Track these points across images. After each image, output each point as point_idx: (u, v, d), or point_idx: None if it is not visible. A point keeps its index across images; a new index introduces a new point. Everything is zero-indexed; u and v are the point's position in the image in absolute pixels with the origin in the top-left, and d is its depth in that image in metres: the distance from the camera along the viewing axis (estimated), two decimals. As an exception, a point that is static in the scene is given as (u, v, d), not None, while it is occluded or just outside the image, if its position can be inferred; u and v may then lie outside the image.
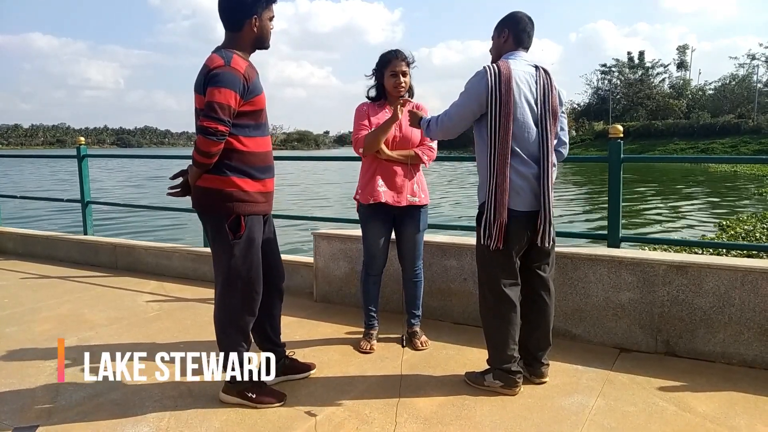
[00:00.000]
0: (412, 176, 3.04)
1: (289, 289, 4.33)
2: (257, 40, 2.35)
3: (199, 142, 2.20)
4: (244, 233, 2.34)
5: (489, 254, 2.53)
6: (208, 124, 2.17)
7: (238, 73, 2.22)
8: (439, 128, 2.62)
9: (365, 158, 3.04)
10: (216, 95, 2.17)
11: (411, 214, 3.07)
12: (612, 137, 3.43)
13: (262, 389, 2.50)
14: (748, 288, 2.84)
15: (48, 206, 14.02)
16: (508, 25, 2.59)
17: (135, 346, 3.19)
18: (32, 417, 2.44)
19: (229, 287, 2.40)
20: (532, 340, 2.68)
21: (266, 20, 2.34)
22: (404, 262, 3.18)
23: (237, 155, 2.30)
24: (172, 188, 2.43)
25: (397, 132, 2.99)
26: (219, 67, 2.21)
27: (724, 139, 42.57)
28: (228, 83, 2.19)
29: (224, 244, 2.35)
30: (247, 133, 2.32)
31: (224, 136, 2.21)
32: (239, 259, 2.36)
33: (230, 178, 2.30)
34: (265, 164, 2.42)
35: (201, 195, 2.36)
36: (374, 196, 2.97)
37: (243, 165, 2.32)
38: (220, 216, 2.33)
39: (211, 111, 2.17)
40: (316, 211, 13.50)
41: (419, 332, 3.20)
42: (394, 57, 2.97)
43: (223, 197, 2.31)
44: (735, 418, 2.36)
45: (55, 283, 4.75)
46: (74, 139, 5.96)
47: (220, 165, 2.29)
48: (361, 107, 3.08)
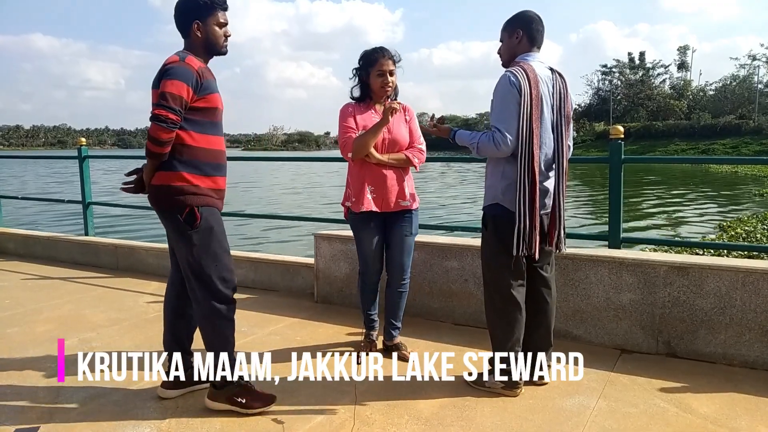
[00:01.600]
0: (402, 180, 2.94)
1: (290, 290, 4.35)
2: (206, 44, 2.41)
3: (151, 130, 2.25)
4: (200, 223, 2.36)
5: (500, 256, 2.53)
6: (159, 111, 2.23)
7: (191, 68, 2.30)
8: (494, 143, 2.46)
9: (354, 163, 2.92)
10: (168, 86, 2.25)
11: (402, 219, 2.98)
12: (613, 138, 3.43)
13: (251, 393, 2.47)
14: (749, 289, 2.83)
15: (49, 208, 14.04)
16: (520, 25, 2.53)
17: (136, 347, 3.19)
18: (33, 418, 2.44)
19: (200, 280, 2.40)
20: (533, 339, 2.68)
21: (212, 25, 2.40)
22: (392, 269, 3.05)
23: (187, 150, 2.34)
24: (126, 184, 2.47)
25: (386, 134, 2.88)
26: (173, 63, 2.31)
27: (725, 139, 42.57)
28: (180, 76, 2.27)
29: (183, 237, 2.38)
30: (199, 130, 2.37)
31: (175, 125, 2.27)
32: (201, 249, 2.37)
33: (179, 173, 2.34)
34: (217, 161, 2.45)
35: (154, 193, 2.40)
36: (365, 205, 2.87)
37: (193, 159, 2.36)
38: (173, 211, 2.36)
39: (163, 100, 2.24)
40: (316, 212, 13.53)
41: (402, 344, 3.12)
42: (381, 56, 2.86)
43: (173, 192, 2.34)
44: (736, 419, 2.36)
45: (56, 284, 4.75)
46: (75, 140, 5.97)
47: (171, 161, 2.33)
48: (345, 108, 2.95)
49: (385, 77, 2.86)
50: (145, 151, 2.34)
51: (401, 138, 2.94)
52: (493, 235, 2.57)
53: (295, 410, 2.48)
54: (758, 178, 23.79)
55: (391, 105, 2.79)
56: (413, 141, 2.98)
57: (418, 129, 3.04)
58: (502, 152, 2.44)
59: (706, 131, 45.03)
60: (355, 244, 3.05)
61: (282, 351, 3.16)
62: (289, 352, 3.14)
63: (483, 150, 2.50)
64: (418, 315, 3.67)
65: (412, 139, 2.98)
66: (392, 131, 2.91)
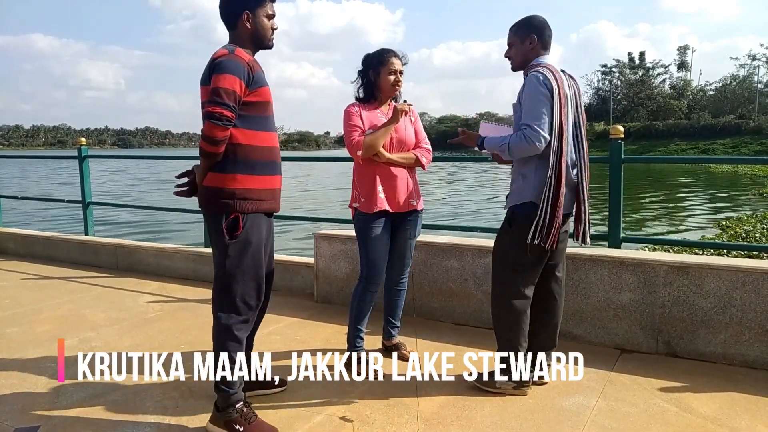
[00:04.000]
0: (411, 180, 2.94)
1: (290, 290, 4.35)
2: (254, 36, 2.32)
3: (206, 128, 2.16)
4: (240, 234, 2.26)
5: (523, 255, 2.52)
6: (213, 109, 2.14)
7: (241, 60, 2.20)
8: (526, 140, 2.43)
9: (362, 162, 2.88)
10: (221, 81, 2.15)
11: (408, 220, 2.96)
12: (613, 138, 3.43)
13: (251, 422, 2.31)
14: (749, 289, 2.83)
15: (50, 207, 14.04)
16: (534, 31, 2.56)
17: (136, 347, 3.19)
18: (33, 417, 2.44)
19: (223, 289, 2.32)
20: (539, 339, 2.68)
21: (261, 17, 2.30)
22: (392, 270, 3.01)
23: (240, 149, 2.25)
24: (179, 187, 2.38)
25: (393, 134, 2.87)
26: (223, 56, 2.20)
27: (725, 139, 42.61)
28: (232, 70, 2.17)
29: (220, 244, 2.29)
30: (252, 127, 2.27)
31: (230, 122, 2.18)
32: (233, 260, 2.28)
33: (233, 175, 2.24)
34: (271, 159, 2.35)
35: (204, 194, 2.31)
36: (379, 204, 2.83)
37: (246, 159, 2.26)
38: (218, 214, 2.27)
39: (217, 96, 2.14)
40: (317, 212, 13.53)
41: (402, 344, 3.12)
42: (392, 55, 2.86)
43: (224, 195, 2.24)
44: (736, 418, 2.36)
45: (56, 283, 4.75)
46: (75, 140, 5.96)
47: (225, 162, 2.24)
48: (351, 108, 2.92)
49: (397, 76, 2.87)
50: (199, 151, 2.25)
51: (408, 138, 2.93)
52: (518, 233, 2.53)
53: (295, 410, 2.48)
54: (758, 177, 23.78)
55: (402, 105, 2.80)
56: (419, 141, 2.98)
57: (423, 129, 3.05)
58: (535, 149, 2.42)
59: (706, 131, 45.06)
60: (361, 246, 2.91)
61: (282, 351, 3.16)
62: (289, 352, 3.14)
63: (515, 150, 2.47)
64: (418, 315, 3.67)
65: (417, 139, 2.98)
66: (399, 131, 2.89)
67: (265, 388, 2.65)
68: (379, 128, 2.81)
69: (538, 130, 2.40)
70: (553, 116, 2.42)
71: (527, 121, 2.43)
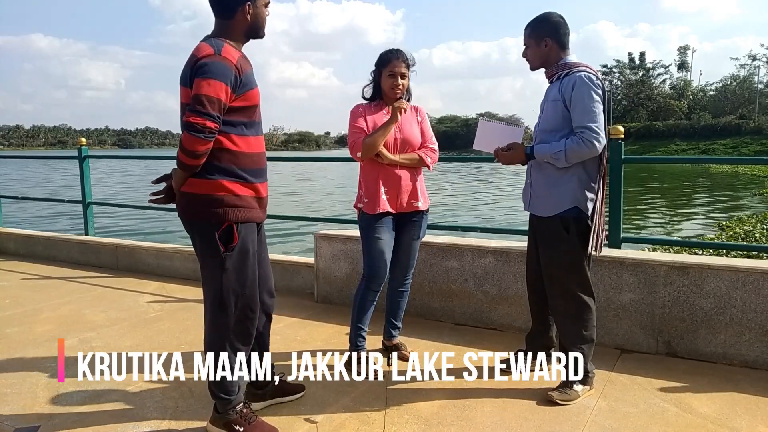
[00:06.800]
0: (415, 180, 2.91)
1: (290, 290, 4.35)
2: (251, 28, 2.13)
3: (185, 140, 1.96)
4: (236, 244, 2.09)
5: (583, 257, 2.53)
6: (195, 119, 1.92)
7: (229, 63, 1.99)
8: (585, 144, 2.38)
9: (366, 163, 2.87)
10: (204, 87, 1.93)
11: (412, 220, 2.94)
12: (613, 138, 3.43)
13: (250, 422, 2.24)
14: (749, 289, 2.83)
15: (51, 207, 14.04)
16: (547, 33, 2.49)
17: (136, 347, 3.19)
18: (33, 418, 2.44)
19: (221, 307, 2.15)
20: (545, 339, 2.73)
21: (261, 6, 2.13)
22: (396, 270, 2.99)
23: (227, 156, 2.06)
24: (154, 194, 2.20)
25: (397, 134, 2.84)
26: (208, 57, 1.97)
27: (725, 140, 42.59)
28: (218, 74, 1.95)
29: (214, 257, 2.10)
30: (239, 132, 2.09)
31: (213, 133, 1.97)
32: (232, 274, 2.11)
33: (220, 182, 2.06)
34: (259, 167, 2.18)
35: (187, 202, 2.10)
36: (381, 206, 2.82)
37: (234, 167, 2.08)
38: (209, 225, 2.07)
39: (199, 105, 1.93)
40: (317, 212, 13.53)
41: (402, 344, 3.11)
42: (395, 57, 2.82)
43: (212, 203, 2.06)
44: (736, 419, 2.36)
45: (56, 283, 4.75)
46: (75, 140, 5.97)
47: (209, 167, 2.05)
48: (356, 109, 2.89)
49: (396, 79, 2.81)
50: (176, 162, 2.04)
51: (413, 138, 2.89)
52: (576, 238, 2.50)
53: (295, 410, 2.48)
54: (759, 177, 23.76)
55: (398, 103, 2.75)
56: (425, 141, 2.94)
57: (430, 129, 3.01)
58: (595, 151, 2.37)
59: (706, 131, 45.06)
60: (364, 246, 2.90)
61: (282, 351, 3.16)
62: (289, 352, 3.14)
63: (573, 155, 2.39)
64: (418, 315, 3.67)
65: (424, 139, 2.94)
66: (403, 131, 2.86)
67: (285, 395, 2.58)
68: (378, 129, 2.79)
69: (598, 132, 2.34)
70: (604, 119, 2.40)
71: (585, 123, 2.35)
